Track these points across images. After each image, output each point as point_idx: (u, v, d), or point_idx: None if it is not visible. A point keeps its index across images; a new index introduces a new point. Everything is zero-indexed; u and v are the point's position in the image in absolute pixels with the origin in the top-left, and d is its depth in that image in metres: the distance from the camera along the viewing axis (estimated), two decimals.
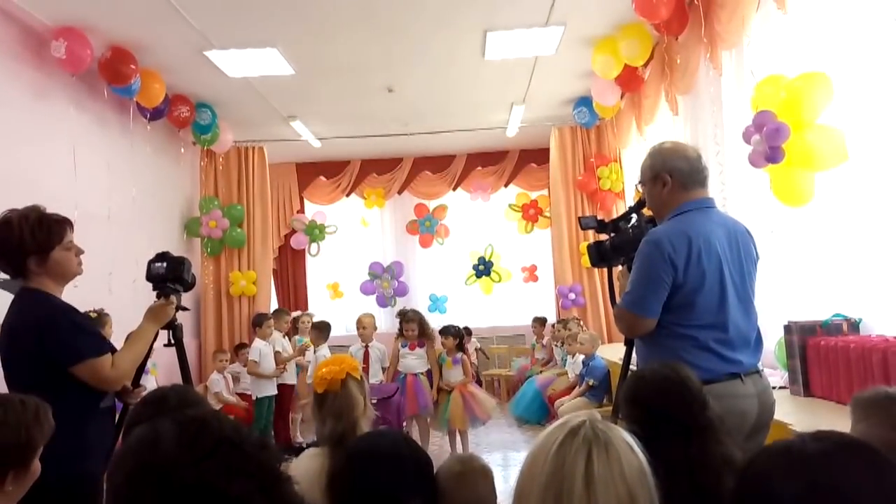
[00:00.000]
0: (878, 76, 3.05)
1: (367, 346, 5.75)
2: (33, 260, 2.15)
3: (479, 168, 9.11)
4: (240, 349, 7.16)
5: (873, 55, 3.06)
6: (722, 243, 2.16)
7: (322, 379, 2.05)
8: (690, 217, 2.20)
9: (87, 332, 2.22)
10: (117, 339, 2.37)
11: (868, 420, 1.55)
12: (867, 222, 3.23)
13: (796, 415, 2.98)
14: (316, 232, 9.12)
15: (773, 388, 2.35)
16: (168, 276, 2.55)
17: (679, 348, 2.09)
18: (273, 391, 6.16)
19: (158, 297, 2.53)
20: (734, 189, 4.48)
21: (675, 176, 2.24)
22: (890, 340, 2.89)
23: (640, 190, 2.43)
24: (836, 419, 1.63)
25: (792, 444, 1.02)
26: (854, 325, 3.27)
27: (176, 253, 2.65)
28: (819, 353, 3.19)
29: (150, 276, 2.57)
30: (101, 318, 4.34)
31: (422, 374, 5.52)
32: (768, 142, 3.31)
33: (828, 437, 1.01)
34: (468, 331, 7.75)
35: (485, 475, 1.81)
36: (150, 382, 4.53)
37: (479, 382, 6.97)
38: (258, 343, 6.18)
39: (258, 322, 6.38)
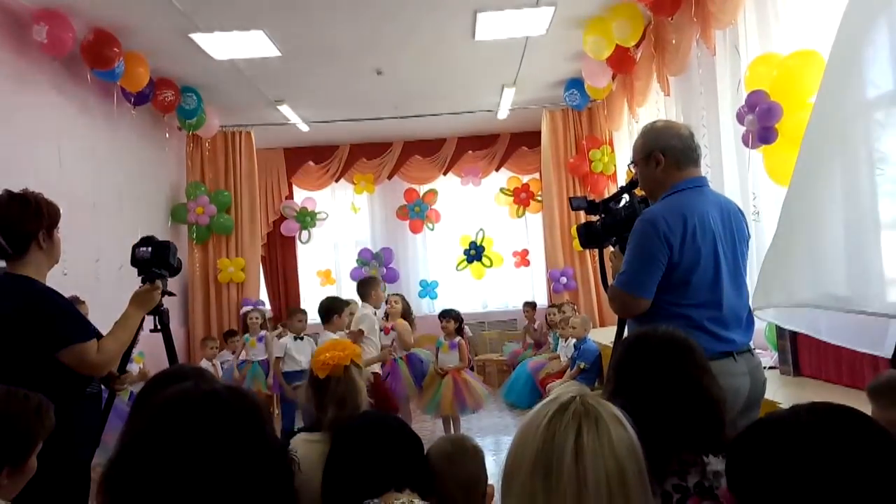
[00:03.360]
0: None
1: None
2: (42, 236, 2.13)
3: (470, 152, 9.06)
4: (229, 337, 7.13)
5: None
6: (716, 222, 2.16)
7: (324, 364, 2.00)
8: (685, 196, 2.19)
9: (73, 316, 2.19)
10: (103, 326, 2.33)
11: None
12: None
13: (786, 394, 3.01)
14: (307, 219, 9.06)
15: (764, 368, 2.35)
16: (153, 260, 2.52)
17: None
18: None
19: (144, 282, 2.50)
20: (727, 169, 4.46)
21: (668, 154, 2.23)
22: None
23: (633, 170, 2.41)
24: (826, 398, 1.61)
25: (786, 415, 1.01)
26: None
27: (162, 239, 2.61)
28: None
29: (136, 261, 2.54)
30: (76, 304, 4.24)
31: (400, 357, 5.41)
32: (761, 122, 3.30)
33: (822, 409, 1.01)
34: None
35: (475, 454, 1.81)
36: (133, 370, 4.47)
37: (471, 368, 6.95)
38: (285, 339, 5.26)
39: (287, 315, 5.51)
